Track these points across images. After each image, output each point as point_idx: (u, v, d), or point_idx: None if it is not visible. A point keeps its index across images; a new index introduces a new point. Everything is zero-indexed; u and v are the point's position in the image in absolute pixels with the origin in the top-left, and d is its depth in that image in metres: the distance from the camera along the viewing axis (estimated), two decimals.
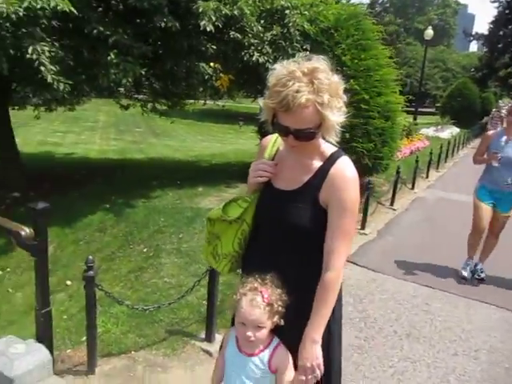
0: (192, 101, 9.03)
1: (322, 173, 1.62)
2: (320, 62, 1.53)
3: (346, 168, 1.62)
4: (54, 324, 2.88)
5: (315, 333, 1.58)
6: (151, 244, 5.04)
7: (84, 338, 3.11)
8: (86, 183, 7.61)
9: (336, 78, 1.55)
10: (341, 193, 1.58)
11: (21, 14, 3.87)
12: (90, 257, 2.73)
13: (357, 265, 4.93)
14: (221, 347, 1.86)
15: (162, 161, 10.71)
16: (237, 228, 1.75)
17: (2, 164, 7.44)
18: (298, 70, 1.49)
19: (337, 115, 1.53)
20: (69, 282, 4.73)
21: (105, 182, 7.68)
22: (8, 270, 5.28)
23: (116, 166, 9.45)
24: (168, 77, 6.69)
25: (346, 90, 1.60)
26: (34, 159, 9.61)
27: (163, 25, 5.15)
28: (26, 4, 3.89)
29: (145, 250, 4.97)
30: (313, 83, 1.47)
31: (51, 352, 2.78)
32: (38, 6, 3.97)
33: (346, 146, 6.07)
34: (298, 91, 1.45)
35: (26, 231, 2.45)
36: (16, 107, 9.46)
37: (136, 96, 8.86)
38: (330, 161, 1.63)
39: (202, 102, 9.41)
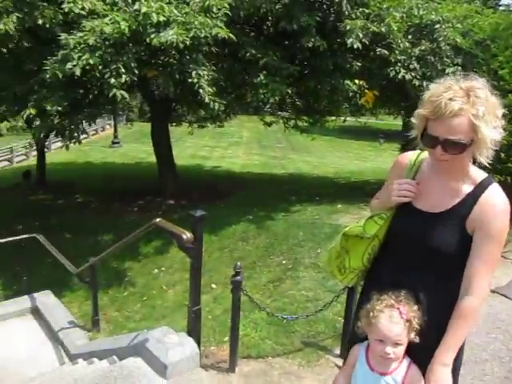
0: (333, 117, 9.13)
1: (472, 199, 1.56)
2: (478, 81, 1.50)
3: (496, 197, 1.55)
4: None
5: (446, 357, 1.52)
6: (290, 256, 5.21)
7: (226, 338, 3.35)
8: (231, 195, 8.17)
9: (494, 99, 1.49)
10: (489, 221, 1.52)
11: (187, 42, 4.37)
12: (239, 263, 2.94)
13: (509, 298, 4.47)
14: (343, 364, 1.86)
15: (301, 176, 10.98)
16: (367, 243, 1.75)
17: (162, 174, 8.38)
18: (455, 85, 1.47)
19: (492, 131, 1.46)
20: (214, 286, 5.12)
21: (247, 194, 8.16)
22: (163, 269, 5.92)
23: (258, 180, 9.97)
24: (311, 95, 6.90)
25: (503, 106, 1.53)
26: (185, 171, 10.60)
27: (310, 45, 5.34)
28: (192, 34, 4.39)
29: (284, 261, 5.16)
30: (469, 96, 1.44)
31: (198, 346, 3.04)
32: (202, 35, 4.45)
33: (501, 166, 5.58)
34: (451, 99, 1.43)
35: (187, 235, 2.72)
36: (173, 124, 10.64)
37: (279, 113, 9.27)
38: (480, 188, 1.56)
39: (343, 118, 9.44)
